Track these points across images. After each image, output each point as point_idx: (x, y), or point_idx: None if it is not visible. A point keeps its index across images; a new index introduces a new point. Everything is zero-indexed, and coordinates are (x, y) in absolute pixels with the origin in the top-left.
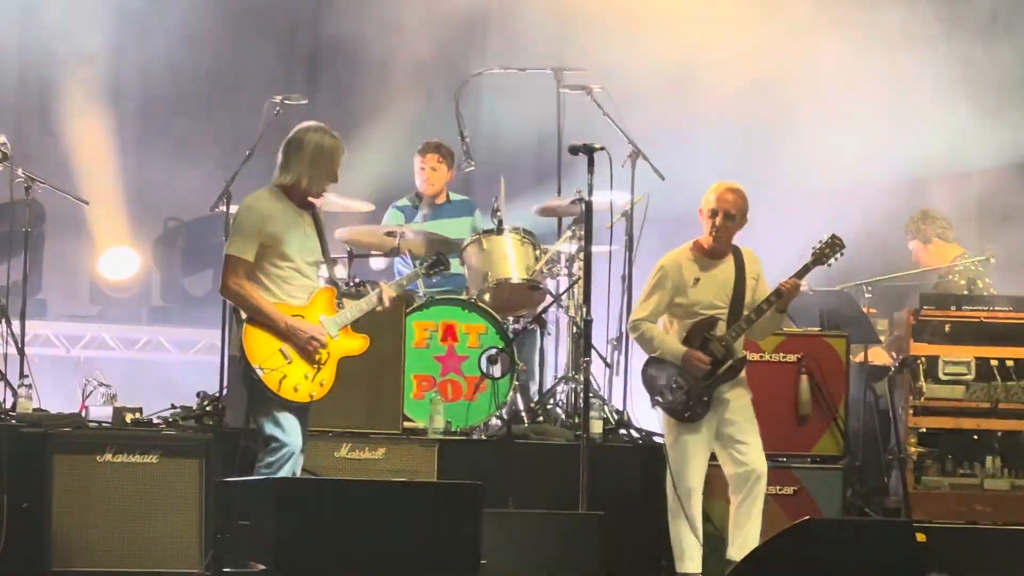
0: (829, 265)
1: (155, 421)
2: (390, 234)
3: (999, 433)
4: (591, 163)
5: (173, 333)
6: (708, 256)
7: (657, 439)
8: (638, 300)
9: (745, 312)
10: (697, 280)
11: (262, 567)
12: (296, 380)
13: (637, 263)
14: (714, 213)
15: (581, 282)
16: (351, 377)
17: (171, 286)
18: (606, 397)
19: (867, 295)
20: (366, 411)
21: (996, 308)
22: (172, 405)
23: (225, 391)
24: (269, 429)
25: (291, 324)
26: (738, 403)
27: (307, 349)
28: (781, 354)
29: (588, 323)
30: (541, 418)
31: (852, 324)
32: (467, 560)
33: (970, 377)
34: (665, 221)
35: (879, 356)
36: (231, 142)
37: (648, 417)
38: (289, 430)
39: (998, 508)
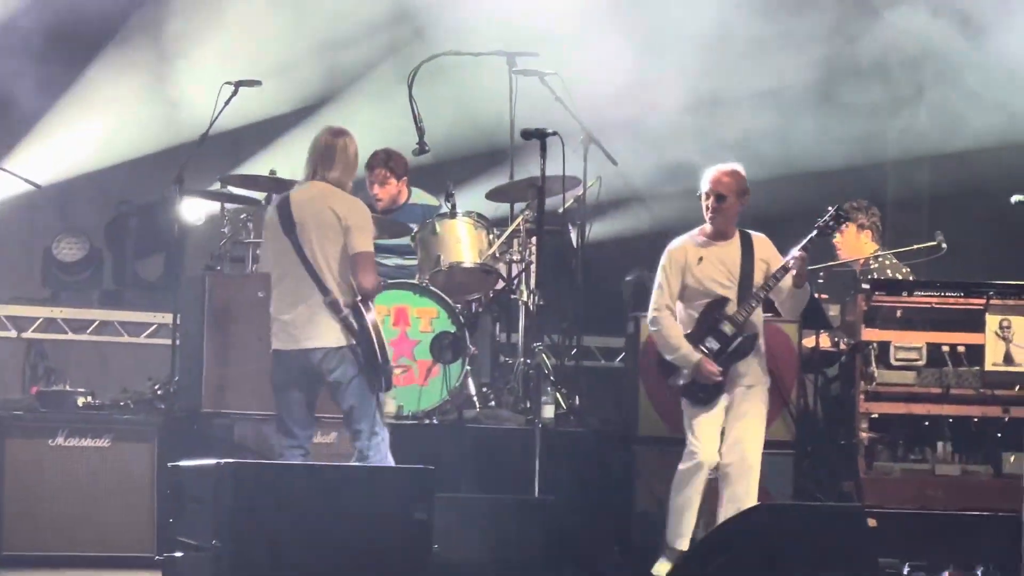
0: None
1: (107, 405)
2: None
3: (950, 418)
4: (544, 148)
5: (125, 316)
6: (711, 238)
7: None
8: (654, 290)
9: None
10: (700, 259)
11: (214, 550)
12: None
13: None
14: (706, 196)
15: (534, 267)
16: None
17: (123, 270)
18: (558, 382)
19: (819, 281)
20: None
21: (947, 294)
22: (124, 389)
23: (177, 376)
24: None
25: None
26: (752, 391)
27: None
28: None
29: (540, 308)
30: (493, 402)
31: (804, 309)
32: (419, 545)
33: (921, 363)
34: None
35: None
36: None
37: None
38: None
39: (949, 493)
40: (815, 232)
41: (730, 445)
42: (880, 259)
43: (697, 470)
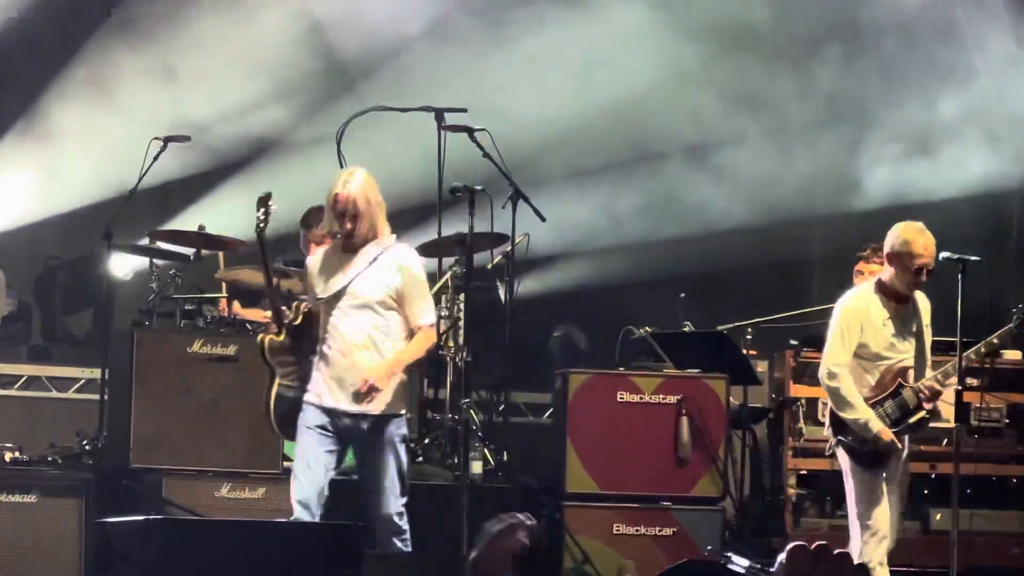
0: None
1: (34, 460)
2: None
3: None
4: (472, 204)
5: (53, 372)
6: (894, 300)
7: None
8: (829, 344)
9: (928, 357)
10: (886, 322)
11: None
12: None
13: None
14: (920, 270)
15: (462, 323)
16: (232, 417)
17: (51, 325)
18: (486, 438)
19: (748, 336)
20: (246, 451)
21: None
22: (51, 444)
23: (105, 431)
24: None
25: None
26: (907, 463)
27: None
28: (661, 395)
29: (468, 364)
30: (421, 458)
31: (731, 365)
32: None
33: None
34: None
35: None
36: (115, 180)
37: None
38: None
39: None
40: (1014, 325)
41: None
42: None
43: (880, 541)
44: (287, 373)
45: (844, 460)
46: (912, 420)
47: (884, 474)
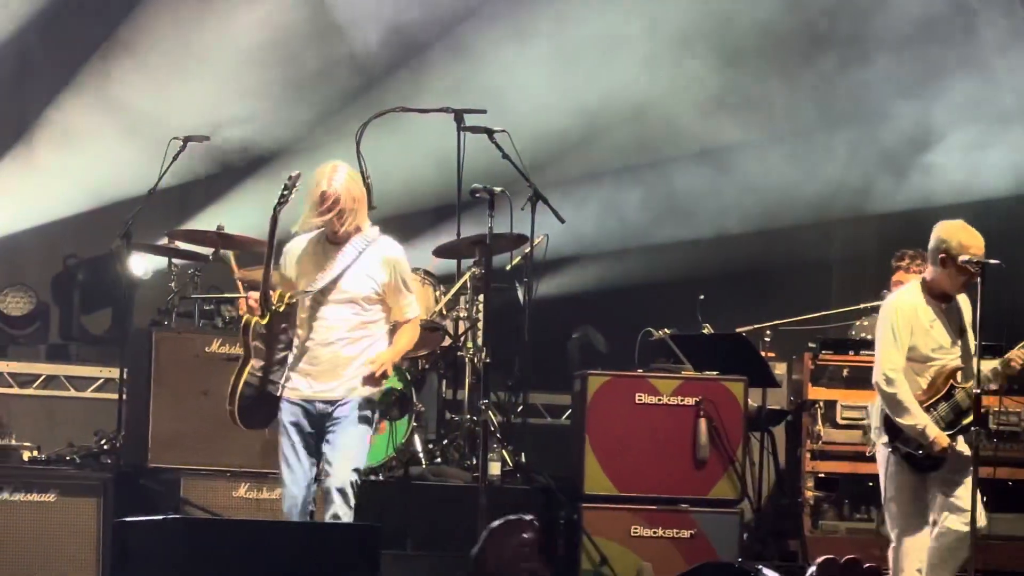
0: None
1: (53, 459)
2: None
3: None
4: (491, 205)
5: (71, 371)
6: (938, 299)
7: (550, 482)
8: (882, 349)
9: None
10: (933, 323)
11: None
12: None
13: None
14: (972, 276)
15: (481, 324)
16: None
17: (70, 324)
18: (504, 439)
19: (766, 339)
20: (264, 451)
21: None
22: (70, 443)
23: (124, 430)
24: None
25: None
26: (964, 456)
27: None
28: (679, 397)
29: (487, 365)
30: (439, 459)
31: (750, 368)
32: None
33: (867, 422)
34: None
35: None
36: (137, 178)
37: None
38: None
39: None
40: None
41: (955, 508)
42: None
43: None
44: (258, 358)
45: (890, 464)
46: (966, 421)
47: (933, 483)
